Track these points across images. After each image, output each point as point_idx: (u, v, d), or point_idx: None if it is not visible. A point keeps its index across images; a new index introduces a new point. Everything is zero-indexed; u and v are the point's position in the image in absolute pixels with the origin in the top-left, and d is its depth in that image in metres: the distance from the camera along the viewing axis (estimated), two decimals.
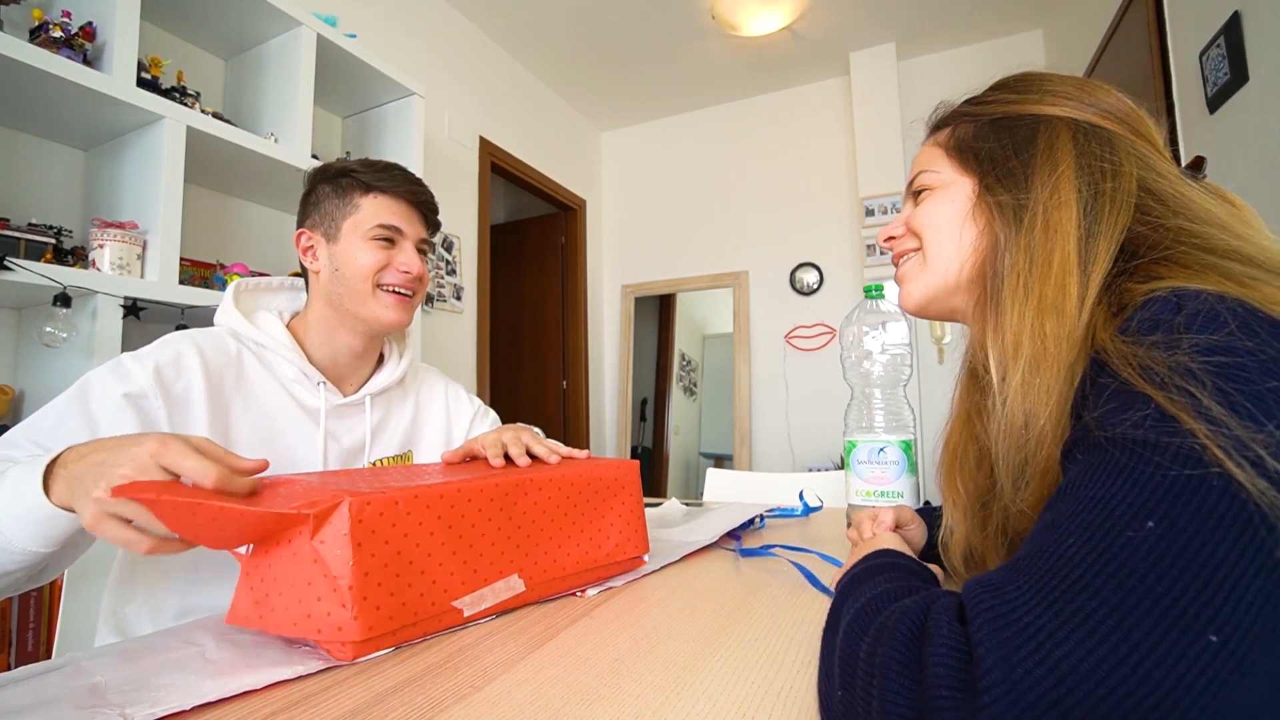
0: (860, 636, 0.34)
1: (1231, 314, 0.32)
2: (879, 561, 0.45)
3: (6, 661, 1.15)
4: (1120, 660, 0.24)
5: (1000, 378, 0.44)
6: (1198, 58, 1.69)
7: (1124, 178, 0.43)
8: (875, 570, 0.43)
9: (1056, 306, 0.41)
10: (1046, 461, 0.40)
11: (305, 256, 0.86)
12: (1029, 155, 0.47)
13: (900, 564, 0.45)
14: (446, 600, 0.50)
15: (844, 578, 0.45)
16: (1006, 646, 0.26)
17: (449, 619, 0.51)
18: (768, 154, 3.69)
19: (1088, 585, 0.27)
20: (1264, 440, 0.27)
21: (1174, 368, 0.31)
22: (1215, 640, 0.24)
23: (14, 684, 0.42)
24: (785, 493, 1.37)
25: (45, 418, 0.65)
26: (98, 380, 0.68)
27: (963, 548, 0.54)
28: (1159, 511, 0.27)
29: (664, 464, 3.99)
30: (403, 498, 0.49)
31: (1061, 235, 0.42)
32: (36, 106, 1.33)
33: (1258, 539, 0.26)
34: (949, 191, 0.52)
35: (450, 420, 1.00)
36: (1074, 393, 0.38)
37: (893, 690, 0.29)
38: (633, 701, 0.39)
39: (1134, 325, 0.35)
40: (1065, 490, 0.33)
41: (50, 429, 0.65)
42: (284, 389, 0.82)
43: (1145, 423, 0.31)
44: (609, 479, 0.66)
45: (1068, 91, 0.49)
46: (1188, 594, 0.25)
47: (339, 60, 1.90)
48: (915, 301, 0.56)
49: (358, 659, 0.46)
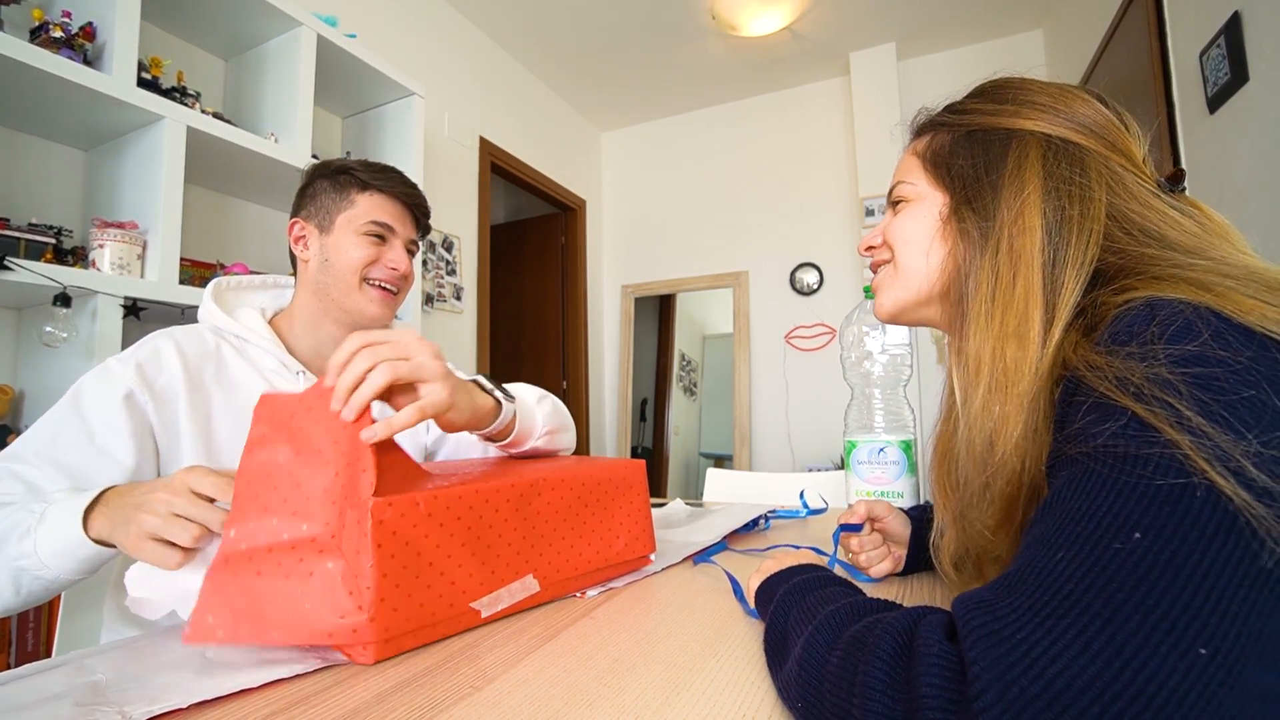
0: (828, 649, 0.34)
1: (1205, 323, 0.32)
2: (818, 574, 0.46)
3: (6, 661, 1.15)
4: (1114, 677, 0.24)
5: (962, 400, 0.44)
6: (1198, 58, 1.69)
7: (1092, 203, 0.43)
8: (818, 582, 0.44)
9: (1019, 333, 0.41)
10: (1005, 486, 0.40)
11: (296, 245, 0.88)
12: (998, 176, 0.46)
13: (839, 579, 0.45)
14: (465, 602, 0.50)
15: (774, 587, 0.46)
16: (1000, 665, 0.26)
17: (467, 620, 0.51)
18: (768, 154, 3.69)
19: (1079, 600, 0.27)
20: (1245, 450, 0.27)
21: (1151, 378, 0.31)
22: (1205, 653, 0.24)
23: (16, 681, 0.42)
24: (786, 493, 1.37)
25: (43, 429, 0.69)
26: (87, 387, 0.72)
27: (953, 551, 0.53)
28: (1144, 523, 0.28)
29: (664, 464, 3.99)
30: (423, 499, 0.49)
31: (1025, 261, 0.42)
32: (36, 106, 1.33)
33: (1242, 548, 0.26)
34: (922, 206, 0.52)
35: None
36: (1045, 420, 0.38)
37: (877, 709, 0.29)
38: (633, 701, 0.39)
39: (1108, 336, 0.35)
40: (1051, 503, 0.33)
41: (49, 439, 0.68)
42: (264, 380, 0.83)
43: (1125, 433, 0.31)
44: (617, 479, 0.66)
45: (1044, 103, 0.48)
46: (1177, 606, 0.25)
47: (339, 60, 1.90)
48: (886, 311, 0.57)
49: (379, 661, 0.45)
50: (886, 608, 0.37)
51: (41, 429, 0.69)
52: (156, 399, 0.74)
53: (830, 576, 0.45)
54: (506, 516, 0.55)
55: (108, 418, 0.70)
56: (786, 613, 0.41)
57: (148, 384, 0.73)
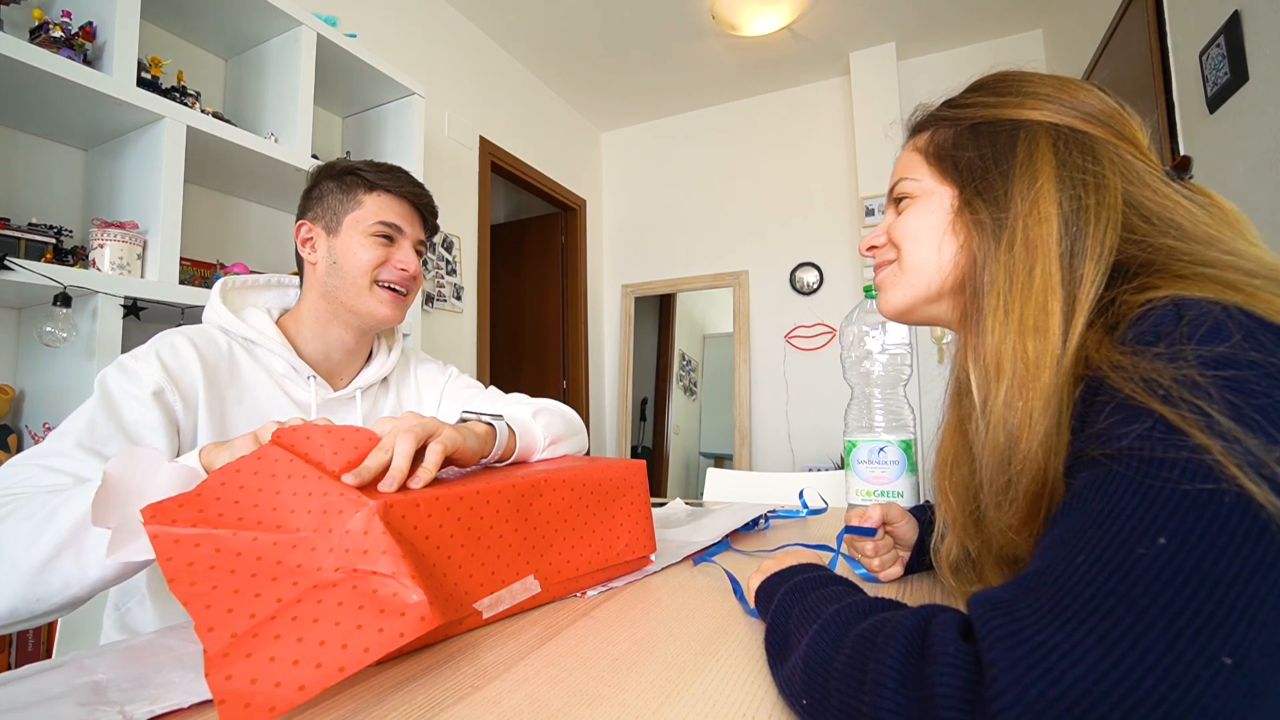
0: (835, 647, 0.33)
1: (1236, 323, 0.31)
2: (819, 574, 0.45)
3: (7, 661, 1.15)
4: (1135, 683, 0.23)
5: (982, 399, 0.43)
6: (1198, 58, 1.69)
7: (1107, 191, 0.42)
8: (820, 581, 0.43)
9: (1039, 327, 0.40)
10: (1030, 484, 0.40)
11: (304, 248, 0.87)
12: (1008, 166, 0.45)
13: (841, 578, 0.45)
14: (467, 603, 0.50)
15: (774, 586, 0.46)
16: (1020, 667, 0.25)
17: (469, 621, 0.51)
18: (768, 154, 3.69)
19: (1101, 604, 0.26)
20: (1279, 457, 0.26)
21: (1180, 381, 0.30)
22: (1229, 662, 0.23)
23: (17, 681, 0.42)
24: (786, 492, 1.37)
25: (76, 425, 0.66)
26: (114, 384, 0.69)
27: (952, 556, 0.53)
28: (1170, 527, 0.27)
29: (664, 464, 3.99)
30: (423, 500, 0.49)
31: (1042, 252, 0.41)
32: (36, 106, 1.33)
33: (1272, 555, 0.25)
34: (929, 202, 0.51)
35: (421, 398, 1.00)
36: (1066, 418, 0.38)
37: (888, 705, 0.28)
38: (633, 701, 0.39)
39: (1132, 336, 0.34)
40: (1071, 504, 0.32)
41: (85, 432, 0.65)
42: (275, 383, 0.82)
43: (1151, 436, 0.30)
44: (618, 479, 0.66)
45: (1048, 93, 0.47)
46: (1202, 614, 0.24)
47: (339, 60, 1.90)
48: (894, 309, 0.55)
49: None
50: (892, 606, 0.36)
51: (74, 425, 0.65)
52: (183, 397, 0.73)
53: (832, 576, 0.45)
54: (507, 517, 0.55)
55: (140, 413, 0.68)
56: (788, 611, 0.41)
57: (174, 381, 0.72)
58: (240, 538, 0.43)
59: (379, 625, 0.39)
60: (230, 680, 0.35)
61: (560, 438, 0.80)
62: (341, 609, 0.40)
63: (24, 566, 0.52)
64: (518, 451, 0.73)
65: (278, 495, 0.48)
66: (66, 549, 0.52)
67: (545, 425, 0.78)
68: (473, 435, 0.64)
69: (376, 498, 0.46)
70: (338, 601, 0.40)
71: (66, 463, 0.62)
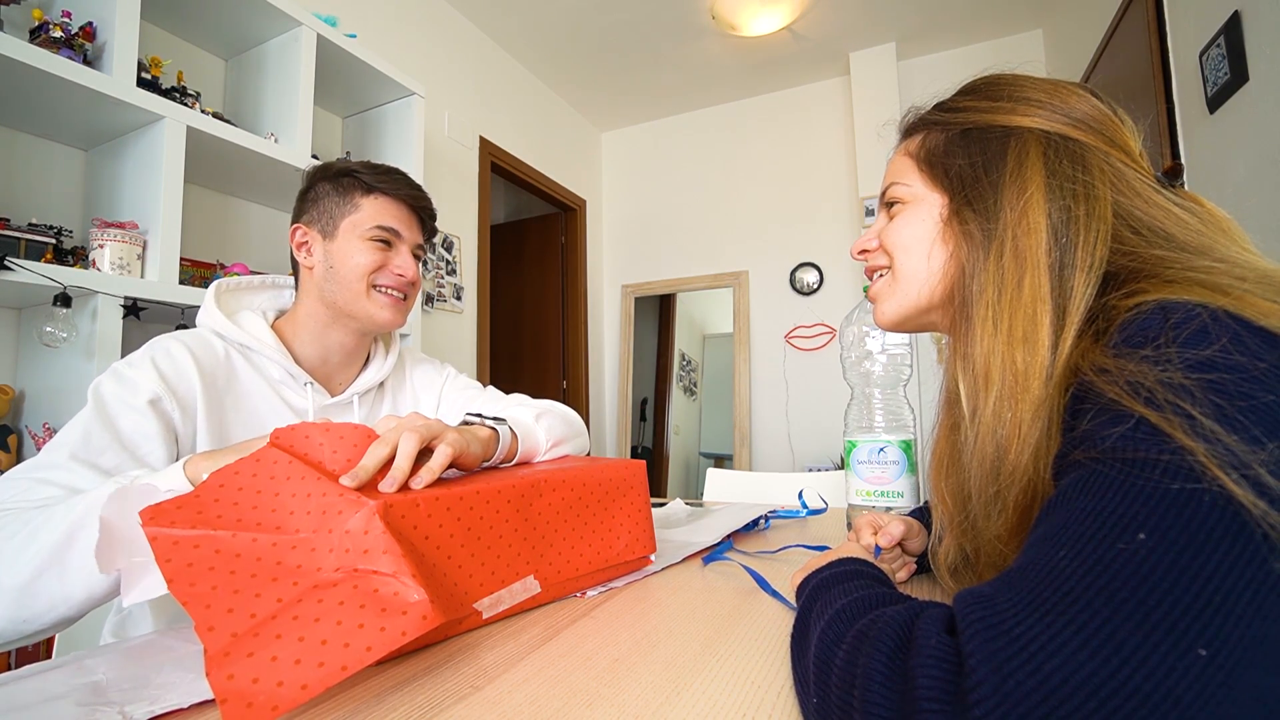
0: (836, 644, 0.33)
1: (1222, 326, 0.31)
2: (848, 568, 0.45)
3: (7, 661, 1.15)
4: (1111, 674, 0.24)
5: (971, 409, 0.43)
6: (1198, 58, 1.69)
7: (1097, 201, 0.42)
8: (844, 576, 0.43)
9: (1028, 338, 0.40)
10: (1020, 496, 0.40)
11: (299, 252, 0.86)
12: (998, 175, 0.45)
13: (868, 572, 0.44)
14: (467, 603, 0.50)
15: (809, 581, 0.45)
16: (998, 658, 0.26)
17: (469, 622, 0.51)
18: (768, 154, 3.69)
19: (1079, 597, 0.26)
20: (1263, 459, 0.27)
21: (1164, 383, 0.30)
22: (1204, 654, 0.24)
23: (18, 681, 0.42)
24: (786, 493, 1.37)
25: (69, 437, 0.64)
26: (109, 393, 0.68)
27: (949, 558, 0.53)
28: (1150, 524, 0.27)
29: (664, 464, 3.99)
30: (423, 500, 0.49)
31: (1032, 263, 0.41)
32: (36, 106, 1.33)
33: (1250, 552, 0.26)
34: (919, 209, 0.51)
35: (419, 401, 1.00)
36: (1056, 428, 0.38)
37: (876, 701, 0.29)
38: (633, 701, 0.39)
39: (1119, 340, 0.34)
40: (1055, 504, 0.32)
41: (79, 444, 0.63)
42: (272, 390, 0.81)
43: (1134, 436, 0.30)
44: (618, 479, 0.66)
45: (1039, 99, 0.47)
46: (1178, 607, 0.25)
47: (339, 60, 1.90)
48: (889, 320, 0.55)
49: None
50: (897, 600, 0.36)
51: (68, 436, 0.64)
52: (181, 405, 0.71)
53: (859, 570, 0.45)
54: (507, 517, 0.55)
55: (137, 422, 0.67)
56: (810, 606, 0.41)
57: (172, 389, 0.71)
58: (240, 539, 0.43)
59: (380, 624, 0.39)
60: (232, 679, 0.35)
61: (562, 439, 0.80)
62: (343, 608, 0.40)
63: (7, 586, 0.50)
64: (519, 455, 0.73)
65: (277, 497, 0.48)
66: (49, 569, 0.51)
67: (548, 428, 0.78)
68: (476, 440, 0.64)
69: (376, 498, 0.46)
70: (339, 601, 0.40)
71: (60, 475, 0.61)
